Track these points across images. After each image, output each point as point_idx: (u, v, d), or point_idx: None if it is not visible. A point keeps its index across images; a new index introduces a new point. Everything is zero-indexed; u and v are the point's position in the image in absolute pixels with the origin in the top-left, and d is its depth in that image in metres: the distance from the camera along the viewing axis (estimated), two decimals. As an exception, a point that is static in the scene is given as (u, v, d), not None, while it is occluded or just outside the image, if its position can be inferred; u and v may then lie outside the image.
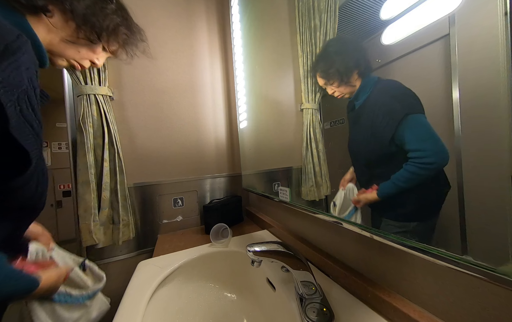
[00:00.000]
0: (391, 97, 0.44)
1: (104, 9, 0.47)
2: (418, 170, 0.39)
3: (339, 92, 0.56)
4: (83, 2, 0.43)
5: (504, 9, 0.26)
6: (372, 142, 0.47)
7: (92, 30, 0.46)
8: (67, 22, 0.43)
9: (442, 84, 0.34)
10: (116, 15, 0.51)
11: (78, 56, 0.48)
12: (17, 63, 0.32)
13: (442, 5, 0.32)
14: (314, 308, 0.47)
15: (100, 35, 0.48)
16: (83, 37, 0.46)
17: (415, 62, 0.38)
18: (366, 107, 0.49)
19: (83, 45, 0.47)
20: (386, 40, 0.41)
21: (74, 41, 0.46)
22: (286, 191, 0.76)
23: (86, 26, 0.45)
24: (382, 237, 0.41)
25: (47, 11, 0.41)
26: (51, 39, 0.43)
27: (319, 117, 0.65)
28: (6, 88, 0.30)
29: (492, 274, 0.27)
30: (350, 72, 0.51)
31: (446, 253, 0.31)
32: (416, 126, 0.40)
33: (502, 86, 0.26)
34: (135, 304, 0.56)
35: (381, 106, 0.46)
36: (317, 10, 0.61)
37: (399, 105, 0.42)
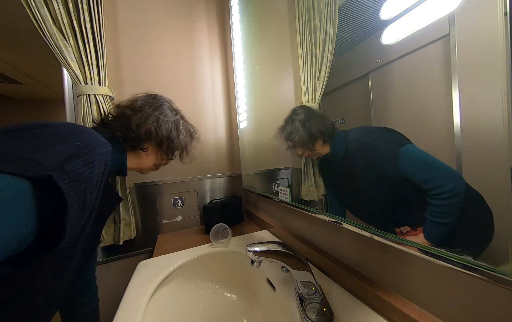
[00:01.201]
0: (373, 142, 0.45)
1: (177, 134, 0.66)
2: (445, 201, 0.35)
3: (307, 155, 0.62)
4: (165, 137, 0.62)
5: (504, 9, 0.26)
6: (382, 185, 0.45)
7: (172, 153, 0.68)
8: (157, 154, 0.65)
9: (442, 84, 0.34)
10: (186, 137, 0.71)
11: (155, 169, 0.70)
12: (90, 160, 0.36)
13: (442, 5, 0.32)
14: (314, 308, 0.47)
15: (175, 154, 0.70)
16: (165, 159, 0.67)
17: (415, 62, 0.38)
18: (354, 157, 0.49)
19: (164, 163, 0.69)
20: (386, 40, 0.41)
21: (158, 162, 0.66)
22: (286, 191, 0.76)
23: (169, 153, 0.66)
24: (382, 237, 0.41)
25: (144, 149, 0.61)
26: (143, 164, 0.64)
27: (319, 117, 0.65)
28: (74, 181, 0.33)
29: (492, 274, 0.27)
30: (315, 140, 0.57)
31: (446, 253, 0.31)
32: (410, 157, 0.38)
33: (502, 86, 0.26)
34: (135, 304, 0.56)
35: (370, 153, 0.45)
36: (317, 10, 0.61)
37: (386, 146, 0.42)
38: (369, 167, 0.46)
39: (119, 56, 1.06)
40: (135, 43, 1.10)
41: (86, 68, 0.91)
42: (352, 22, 0.50)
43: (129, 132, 0.57)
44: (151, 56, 1.13)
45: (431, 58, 0.35)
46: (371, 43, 0.45)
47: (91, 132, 0.41)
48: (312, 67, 0.64)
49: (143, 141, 0.59)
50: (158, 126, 0.61)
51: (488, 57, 0.28)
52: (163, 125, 0.61)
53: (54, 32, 0.83)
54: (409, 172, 0.39)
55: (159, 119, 0.62)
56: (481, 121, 0.30)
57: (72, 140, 0.36)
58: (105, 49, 0.95)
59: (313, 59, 0.63)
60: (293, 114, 0.66)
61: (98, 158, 0.37)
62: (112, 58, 1.04)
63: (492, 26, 0.27)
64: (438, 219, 0.36)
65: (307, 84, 0.67)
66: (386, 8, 0.40)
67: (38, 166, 0.29)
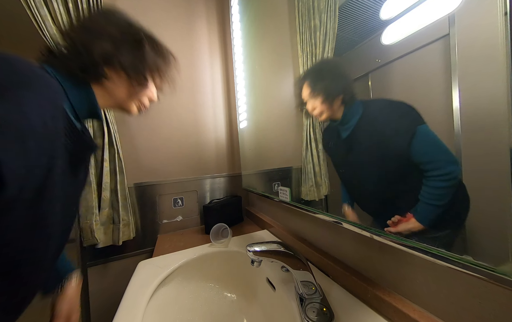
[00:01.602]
0: (391, 114, 0.42)
1: (142, 53, 0.54)
2: (443, 183, 0.36)
3: (319, 110, 0.56)
4: (127, 56, 0.51)
5: (504, 9, 0.26)
6: (384, 165, 0.45)
7: (140, 75, 0.54)
8: (121, 78, 0.52)
9: (442, 84, 0.34)
10: (152, 52, 0.58)
11: (139, 100, 0.58)
12: (20, 101, 0.31)
13: (442, 5, 0.32)
14: (314, 308, 0.47)
15: (146, 76, 0.56)
16: (136, 85, 0.54)
17: (415, 62, 0.38)
18: (363, 131, 0.48)
19: (139, 91, 0.56)
20: (386, 40, 0.41)
21: (132, 91, 0.54)
22: (286, 191, 0.76)
23: (135, 74, 0.53)
24: (382, 237, 0.41)
25: (106, 76, 0.49)
26: (116, 97, 0.53)
27: (319, 117, 0.65)
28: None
29: (492, 274, 0.27)
30: (337, 93, 0.53)
31: (446, 253, 0.31)
32: (425, 137, 0.38)
33: (502, 86, 0.26)
34: (135, 304, 0.56)
35: (384, 126, 0.43)
36: (317, 10, 0.61)
37: (405, 120, 0.40)
38: (380, 141, 0.45)
39: (119, 56, 1.06)
40: (135, 43, 1.10)
41: (86, 68, 0.90)
42: (352, 22, 0.50)
43: (83, 59, 0.45)
44: (151, 56, 1.13)
45: (431, 58, 0.35)
46: (371, 43, 0.45)
47: (26, 68, 0.33)
48: (312, 67, 0.64)
49: (101, 65, 0.47)
50: (115, 43, 0.49)
51: (488, 57, 0.28)
52: (120, 41, 0.50)
53: (54, 32, 0.83)
54: (419, 151, 0.39)
55: (114, 35, 0.50)
56: (481, 121, 0.30)
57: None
58: (105, 49, 0.95)
59: (313, 59, 0.63)
60: (323, 62, 0.59)
61: (33, 99, 0.31)
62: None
63: (492, 26, 0.27)
64: (434, 201, 0.38)
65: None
66: (386, 8, 0.40)
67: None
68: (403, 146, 0.40)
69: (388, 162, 0.44)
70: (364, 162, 0.50)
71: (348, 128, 0.50)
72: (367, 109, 0.47)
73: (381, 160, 0.45)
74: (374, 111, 0.46)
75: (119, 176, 0.97)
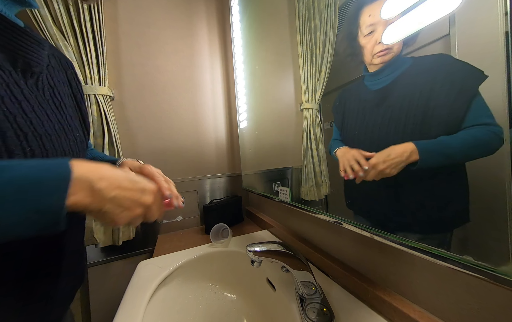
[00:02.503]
0: (455, 69, 0.34)
1: None
2: (486, 135, 0.30)
3: (387, 46, 0.41)
4: None
5: (504, 9, 0.26)
6: (421, 124, 0.37)
7: None
8: None
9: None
10: None
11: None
12: None
13: (442, 5, 0.32)
14: (314, 308, 0.47)
15: None
16: None
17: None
18: (402, 86, 0.40)
19: None
20: (386, 40, 0.41)
21: None
22: (286, 191, 0.76)
23: None
24: (382, 237, 0.41)
25: None
26: None
27: (319, 117, 0.65)
28: None
29: (492, 274, 0.27)
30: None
31: (446, 253, 0.31)
32: (484, 103, 0.31)
33: (502, 86, 0.26)
34: (135, 304, 0.56)
35: (442, 79, 0.35)
36: (317, 10, 0.61)
37: (470, 80, 0.32)
38: (427, 97, 0.36)
39: (119, 56, 1.06)
40: (136, 43, 1.10)
41: (86, 68, 0.91)
42: (352, 22, 0.50)
43: None
44: (151, 56, 1.13)
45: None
46: (371, 43, 0.45)
47: None
48: (312, 67, 0.64)
49: None
50: None
51: (488, 57, 0.28)
52: None
53: (54, 32, 0.83)
54: (477, 113, 0.32)
55: None
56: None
57: None
58: (105, 49, 0.95)
59: (313, 59, 0.63)
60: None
61: None
62: (112, 58, 1.04)
63: (492, 26, 0.27)
64: (451, 143, 0.33)
65: (307, 84, 0.67)
66: (386, 8, 0.40)
67: None
68: (458, 109, 0.33)
69: (427, 122, 0.36)
70: (394, 118, 0.41)
71: (386, 80, 0.42)
72: (417, 61, 0.39)
73: (420, 118, 0.37)
74: (428, 64, 0.37)
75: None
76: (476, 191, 0.31)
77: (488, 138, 0.31)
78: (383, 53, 0.42)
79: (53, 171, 0.26)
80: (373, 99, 0.45)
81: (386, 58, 0.42)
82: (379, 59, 0.43)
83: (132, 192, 0.33)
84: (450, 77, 0.34)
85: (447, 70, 0.34)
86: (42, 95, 0.39)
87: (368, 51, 0.44)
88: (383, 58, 0.42)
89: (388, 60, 0.42)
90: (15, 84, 0.33)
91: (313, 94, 0.65)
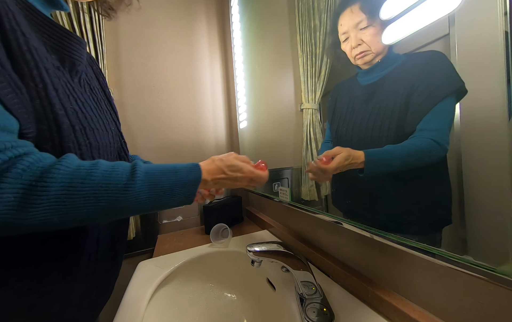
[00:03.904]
0: (438, 69, 0.35)
1: None
2: (427, 144, 0.33)
3: (366, 47, 0.43)
4: None
5: (504, 9, 0.26)
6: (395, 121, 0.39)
7: None
8: None
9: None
10: None
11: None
12: None
13: (442, 5, 0.32)
14: (314, 308, 0.47)
15: None
16: None
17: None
18: (389, 83, 0.41)
19: None
20: (386, 40, 0.41)
21: None
22: (286, 191, 0.76)
23: None
24: (382, 237, 0.41)
25: None
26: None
27: (319, 117, 0.65)
28: None
29: (492, 274, 0.27)
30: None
31: (446, 253, 0.31)
32: (446, 109, 0.34)
33: (502, 85, 0.26)
34: (136, 304, 0.56)
35: (424, 80, 0.37)
36: (317, 10, 0.61)
37: (444, 86, 0.34)
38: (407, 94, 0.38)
39: (119, 56, 1.06)
40: (135, 43, 1.10)
41: (86, 68, 0.91)
42: (352, 22, 0.50)
43: None
44: (151, 56, 1.13)
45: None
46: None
47: None
48: (312, 67, 0.64)
49: None
50: None
51: (488, 56, 0.28)
52: None
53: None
54: (432, 117, 0.35)
55: None
56: (481, 121, 0.30)
57: None
58: (105, 49, 0.95)
59: (313, 59, 0.63)
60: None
61: None
62: (112, 58, 1.04)
63: (492, 26, 0.27)
64: (401, 154, 0.37)
65: (307, 84, 0.67)
66: (386, 8, 0.40)
67: None
68: (424, 108, 0.36)
69: (407, 120, 0.38)
70: (380, 114, 0.42)
71: (376, 76, 0.43)
72: (409, 58, 0.39)
73: (403, 115, 0.39)
74: (418, 62, 0.38)
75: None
76: (476, 191, 0.31)
77: (428, 147, 0.34)
78: (361, 55, 0.44)
79: (189, 177, 0.38)
80: (362, 95, 0.46)
81: (367, 58, 0.44)
82: (359, 61, 0.45)
83: (227, 176, 0.43)
84: (430, 77, 0.36)
85: (431, 70, 0.36)
86: (85, 92, 0.42)
87: (349, 56, 0.46)
88: (364, 59, 0.44)
89: (371, 60, 0.43)
90: (68, 83, 0.38)
91: (313, 94, 0.65)
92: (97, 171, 0.31)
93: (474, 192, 0.31)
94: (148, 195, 0.33)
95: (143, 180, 0.33)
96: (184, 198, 0.37)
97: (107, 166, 0.32)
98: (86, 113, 0.39)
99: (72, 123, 0.35)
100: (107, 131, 0.44)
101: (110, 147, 0.44)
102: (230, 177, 0.43)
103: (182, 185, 0.36)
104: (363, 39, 0.43)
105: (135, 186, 0.32)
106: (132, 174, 0.33)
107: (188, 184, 0.37)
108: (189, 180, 0.38)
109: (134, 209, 0.33)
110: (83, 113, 0.38)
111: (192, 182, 0.38)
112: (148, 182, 0.33)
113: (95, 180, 0.30)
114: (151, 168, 0.35)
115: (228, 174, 0.42)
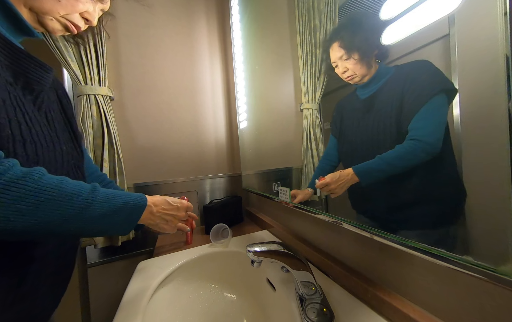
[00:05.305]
0: (424, 73, 0.38)
1: None
2: (410, 146, 0.37)
3: (351, 72, 0.49)
4: None
5: (504, 9, 0.26)
6: (394, 128, 0.43)
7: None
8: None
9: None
10: None
11: (62, 9, 0.46)
12: None
13: (442, 5, 0.32)
14: (314, 308, 0.47)
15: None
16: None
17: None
18: (384, 93, 0.46)
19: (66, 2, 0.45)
20: (386, 40, 0.41)
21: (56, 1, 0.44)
22: (286, 191, 0.76)
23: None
24: (382, 237, 0.41)
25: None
26: (38, 5, 0.43)
27: (319, 117, 0.65)
28: None
29: (492, 274, 0.27)
30: (375, 48, 0.46)
31: (446, 253, 0.31)
32: (432, 108, 0.37)
33: (502, 86, 0.26)
34: (135, 305, 0.56)
35: (411, 84, 0.41)
36: (317, 10, 0.61)
37: (431, 86, 0.37)
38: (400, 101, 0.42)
39: (119, 56, 1.06)
40: (135, 43, 1.10)
41: (86, 69, 0.91)
42: (352, 22, 0.50)
43: None
44: (151, 56, 1.13)
45: (431, 58, 0.35)
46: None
47: None
48: (312, 67, 0.64)
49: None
50: None
51: (488, 57, 0.28)
52: None
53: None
54: (420, 116, 0.39)
55: None
56: (481, 120, 0.30)
57: None
58: (105, 49, 0.95)
59: (313, 59, 0.63)
60: (355, 15, 0.52)
61: None
62: (112, 58, 1.04)
63: (492, 26, 0.27)
64: (391, 161, 0.41)
65: (307, 84, 0.67)
66: (386, 8, 0.40)
67: None
68: (412, 109, 0.39)
69: (400, 127, 0.42)
70: (381, 121, 0.46)
71: (372, 89, 0.48)
72: (399, 69, 0.43)
73: (396, 118, 0.43)
74: (406, 70, 0.42)
75: (119, 177, 0.97)
76: (476, 191, 0.31)
77: (411, 147, 0.38)
78: (350, 79, 0.51)
79: (138, 201, 0.48)
80: (363, 107, 0.51)
81: (356, 80, 0.50)
82: (351, 82, 0.51)
83: (170, 210, 0.56)
84: (418, 80, 0.40)
85: (418, 74, 0.40)
86: (37, 111, 0.44)
87: (342, 78, 0.53)
88: (353, 81, 0.51)
89: (360, 80, 0.50)
90: (18, 98, 0.40)
91: (313, 94, 0.65)
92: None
93: (474, 191, 0.31)
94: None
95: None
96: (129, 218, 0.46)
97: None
98: (31, 127, 0.40)
99: (13, 134, 0.36)
100: (54, 149, 0.45)
101: (56, 164, 0.45)
102: (173, 207, 0.55)
103: (131, 207, 0.45)
104: (348, 67, 0.51)
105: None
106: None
107: (135, 207, 0.47)
108: (137, 203, 0.47)
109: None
110: (28, 127, 0.39)
111: (139, 204, 0.48)
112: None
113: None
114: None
115: (172, 205, 0.55)
